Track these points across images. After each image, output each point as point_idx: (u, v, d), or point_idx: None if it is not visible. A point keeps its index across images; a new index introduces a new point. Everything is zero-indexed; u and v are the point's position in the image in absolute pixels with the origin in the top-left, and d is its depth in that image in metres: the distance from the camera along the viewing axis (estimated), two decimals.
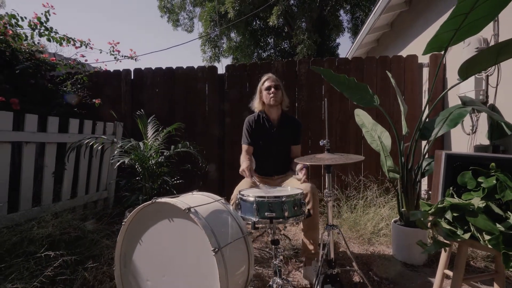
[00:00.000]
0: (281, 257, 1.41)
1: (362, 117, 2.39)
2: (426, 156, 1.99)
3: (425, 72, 2.85)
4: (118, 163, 1.82)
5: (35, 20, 2.83)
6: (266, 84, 1.95)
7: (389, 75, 2.15)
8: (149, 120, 2.28)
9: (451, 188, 1.21)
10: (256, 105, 2.02)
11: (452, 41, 1.57)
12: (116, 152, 1.90)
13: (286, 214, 1.25)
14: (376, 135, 2.25)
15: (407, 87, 2.87)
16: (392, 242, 2.07)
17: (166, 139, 2.25)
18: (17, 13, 2.78)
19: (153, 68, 3.21)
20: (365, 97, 2.01)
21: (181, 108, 3.13)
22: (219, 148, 3.08)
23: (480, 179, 1.16)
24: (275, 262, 1.42)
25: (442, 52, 1.68)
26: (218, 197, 1.35)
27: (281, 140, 1.96)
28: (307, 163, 1.30)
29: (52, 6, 2.88)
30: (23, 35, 2.84)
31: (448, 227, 1.14)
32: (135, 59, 3.46)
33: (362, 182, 2.84)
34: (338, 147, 2.94)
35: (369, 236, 2.33)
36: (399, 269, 1.86)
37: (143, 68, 3.22)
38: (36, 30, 2.88)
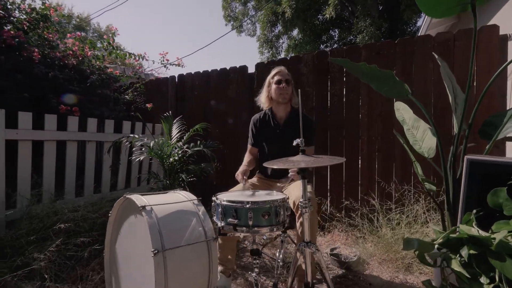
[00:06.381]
0: (257, 270, 1.28)
1: (402, 111, 1.93)
2: None
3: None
4: (137, 159, 2.05)
5: (107, 43, 3.52)
6: (277, 77, 1.80)
7: (436, 56, 1.64)
8: (174, 121, 2.47)
9: (473, 212, 0.82)
10: (262, 100, 1.88)
11: None
12: (134, 149, 2.13)
13: (250, 222, 1.12)
14: (418, 133, 1.77)
15: (480, 70, 2.13)
16: (435, 273, 1.58)
17: (189, 139, 2.39)
18: (94, 39, 3.54)
19: (193, 72, 3.46)
20: (394, 87, 1.60)
21: (214, 109, 3.26)
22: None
23: None
24: (253, 274, 1.31)
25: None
26: (193, 197, 1.32)
27: (286, 141, 1.76)
28: (275, 167, 1.13)
29: (116, 29, 3.51)
30: (101, 56, 3.57)
31: (459, 269, 0.78)
32: (182, 66, 3.84)
33: (411, 193, 2.29)
34: (379, 148, 2.45)
35: (409, 262, 1.85)
36: None
37: (184, 74, 3.52)
38: (108, 51, 3.58)
